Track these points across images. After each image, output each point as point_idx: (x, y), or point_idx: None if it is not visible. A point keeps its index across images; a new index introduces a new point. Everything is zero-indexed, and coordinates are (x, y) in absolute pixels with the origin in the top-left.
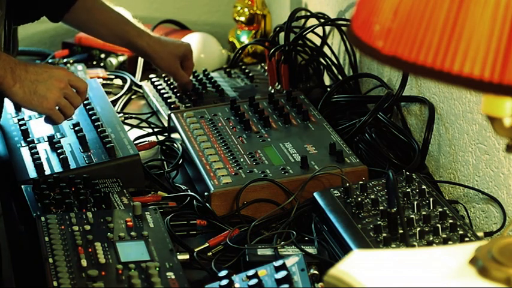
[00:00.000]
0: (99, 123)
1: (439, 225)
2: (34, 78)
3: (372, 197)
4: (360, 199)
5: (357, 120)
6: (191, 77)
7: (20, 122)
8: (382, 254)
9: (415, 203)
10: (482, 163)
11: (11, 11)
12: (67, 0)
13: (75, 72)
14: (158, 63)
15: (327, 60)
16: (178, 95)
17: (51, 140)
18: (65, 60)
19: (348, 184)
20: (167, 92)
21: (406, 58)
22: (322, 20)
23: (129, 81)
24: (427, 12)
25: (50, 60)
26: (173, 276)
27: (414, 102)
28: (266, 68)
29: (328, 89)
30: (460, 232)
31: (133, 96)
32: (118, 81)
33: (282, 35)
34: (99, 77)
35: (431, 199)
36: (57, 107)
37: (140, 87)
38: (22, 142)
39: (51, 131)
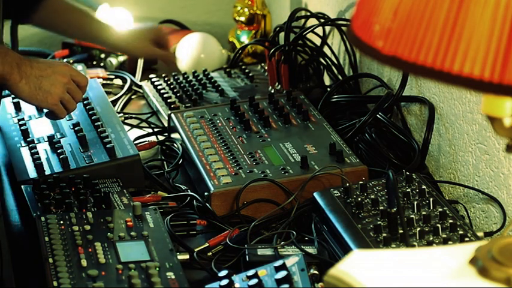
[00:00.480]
0: (99, 123)
1: (439, 225)
2: (39, 74)
3: (372, 197)
4: (360, 199)
5: (357, 120)
6: (191, 77)
7: (20, 122)
8: (382, 254)
9: (415, 203)
10: (482, 163)
11: None
12: (32, 1)
13: None
14: (134, 53)
15: (327, 60)
16: (178, 95)
17: (51, 140)
18: (65, 60)
19: (348, 184)
20: (167, 92)
21: (406, 58)
22: (322, 20)
23: (129, 81)
24: (427, 12)
25: None
26: (173, 276)
27: (414, 102)
28: (266, 68)
29: (328, 89)
30: (460, 232)
31: (133, 96)
32: (118, 81)
33: (282, 35)
34: (99, 77)
35: (431, 199)
36: (60, 102)
37: (140, 87)
38: (22, 142)
39: (51, 131)
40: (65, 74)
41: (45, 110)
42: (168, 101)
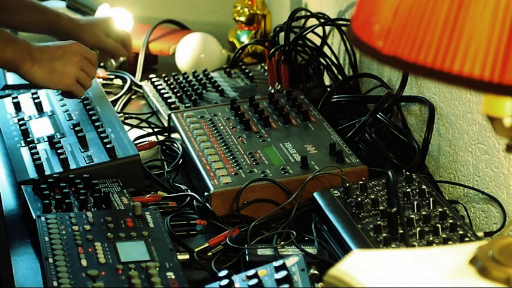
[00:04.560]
0: (99, 123)
1: (439, 225)
2: (50, 57)
3: (372, 197)
4: (360, 199)
5: (357, 120)
6: (191, 77)
7: (20, 122)
8: (382, 254)
9: (415, 203)
10: (482, 163)
11: None
12: None
13: None
14: (86, 40)
15: (327, 60)
16: (178, 95)
17: (51, 140)
18: None
19: (348, 184)
20: (167, 92)
21: (406, 58)
22: (322, 20)
23: (129, 81)
24: (427, 12)
25: None
26: (173, 276)
27: (414, 102)
28: (266, 68)
29: (328, 89)
30: (460, 232)
31: (133, 96)
32: (118, 81)
33: (282, 35)
34: (99, 77)
35: (431, 199)
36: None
37: (140, 87)
38: (22, 142)
39: (51, 131)
40: (76, 52)
41: (58, 91)
42: (168, 101)
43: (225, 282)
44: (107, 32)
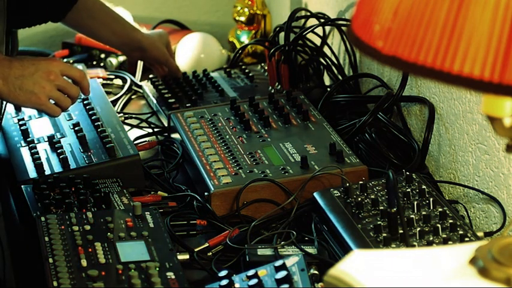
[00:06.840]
0: (99, 123)
1: (439, 225)
2: (19, 74)
3: (372, 197)
4: (360, 199)
5: (357, 120)
6: (191, 77)
7: (20, 122)
8: (382, 254)
9: (415, 203)
10: (482, 163)
11: (12, 14)
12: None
13: None
14: (154, 53)
15: (327, 60)
16: (178, 95)
17: (51, 140)
18: (65, 60)
19: (348, 184)
20: (167, 92)
21: (406, 58)
22: (322, 20)
23: (129, 81)
24: (427, 12)
25: None
26: (173, 276)
27: (414, 102)
28: (266, 68)
29: (328, 89)
30: (460, 232)
31: (133, 96)
32: (118, 81)
33: (282, 35)
34: (99, 77)
35: (431, 199)
36: (51, 100)
37: (140, 87)
38: (22, 142)
39: (51, 131)
40: (52, 70)
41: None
42: (168, 101)
43: (225, 282)
44: (166, 47)
